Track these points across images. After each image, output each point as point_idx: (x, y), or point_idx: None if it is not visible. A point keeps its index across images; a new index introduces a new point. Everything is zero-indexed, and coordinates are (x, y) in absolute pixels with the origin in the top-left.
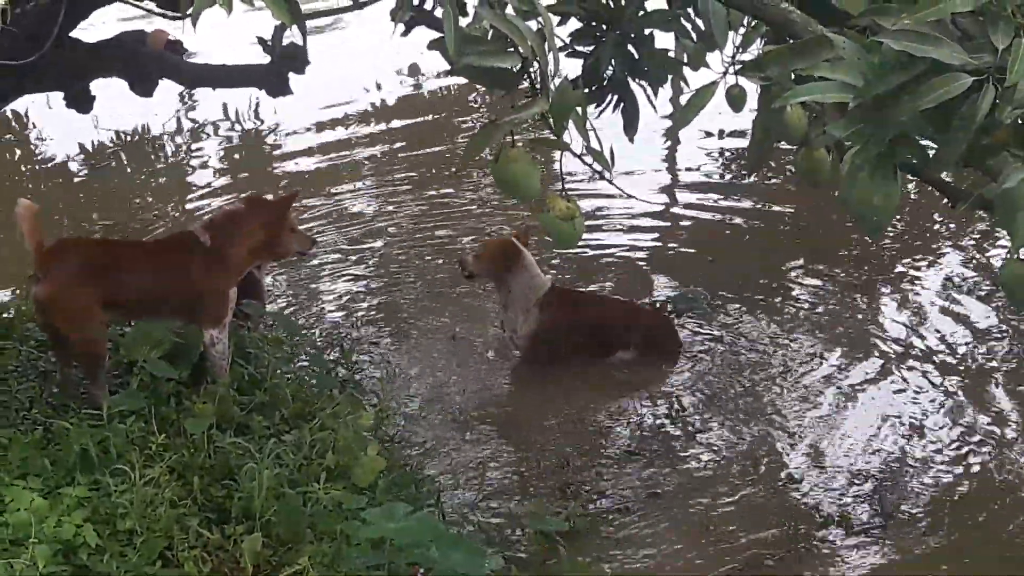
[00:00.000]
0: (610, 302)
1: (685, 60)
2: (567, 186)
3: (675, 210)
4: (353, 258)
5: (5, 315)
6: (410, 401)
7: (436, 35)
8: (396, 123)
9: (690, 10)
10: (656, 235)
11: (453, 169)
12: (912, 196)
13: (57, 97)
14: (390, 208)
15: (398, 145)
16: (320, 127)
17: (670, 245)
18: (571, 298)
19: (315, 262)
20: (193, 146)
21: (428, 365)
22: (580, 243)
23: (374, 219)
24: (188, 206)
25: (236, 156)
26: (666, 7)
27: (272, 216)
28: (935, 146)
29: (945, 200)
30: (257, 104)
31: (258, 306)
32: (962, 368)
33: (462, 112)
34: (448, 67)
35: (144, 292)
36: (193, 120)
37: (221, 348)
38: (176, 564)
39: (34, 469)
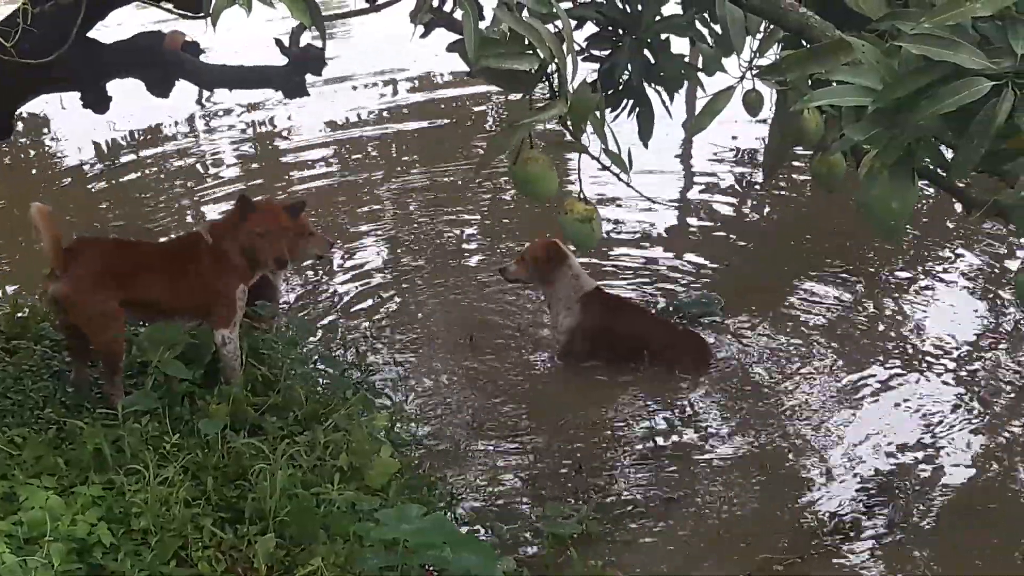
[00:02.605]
0: (649, 316)
1: (700, 65)
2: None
3: (689, 214)
4: (367, 259)
5: (20, 314)
6: (424, 403)
7: (453, 37)
8: (410, 124)
9: (707, 15)
10: (670, 239)
11: (472, 172)
12: (927, 200)
13: (71, 98)
14: (404, 208)
15: (411, 143)
16: (332, 126)
17: (685, 249)
18: (613, 303)
19: (329, 263)
20: (206, 146)
21: (442, 368)
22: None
23: (388, 219)
24: (202, 207)
25: (249, 155)
26: (684, 12)
27: (277, 221)
28: (952, 151)
29: (958, 205)
30: (270, 104)
31: (272, 307)
32: (976, 375)
33: (476, 110)
34: (467, 69)
35: (158, 292)
36: (207, 120)
37: (232, 348)
38: (190, 564)
39: (48, 468)
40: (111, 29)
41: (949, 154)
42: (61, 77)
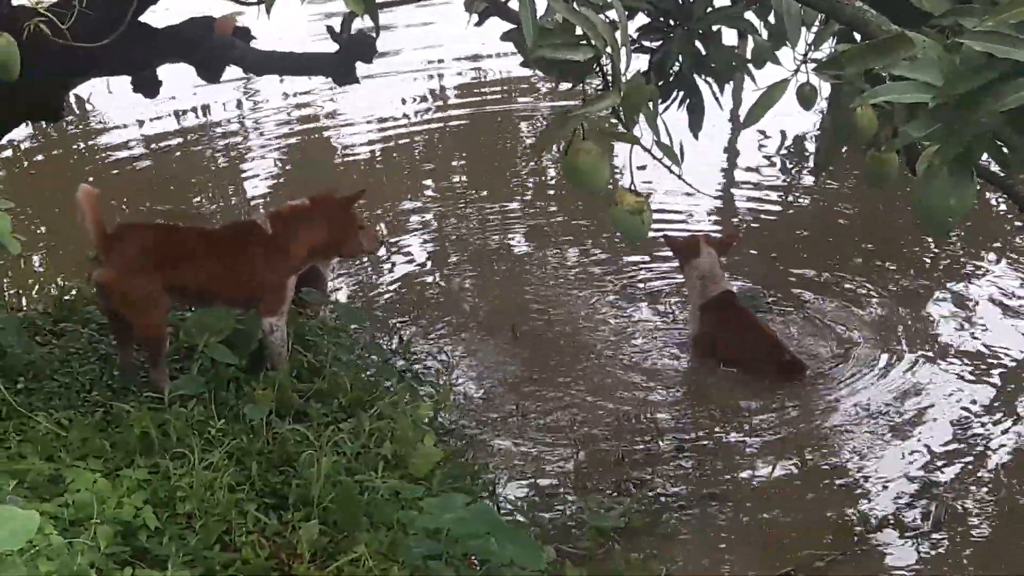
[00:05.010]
0: (759, 329)
1: (749, 57)
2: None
3: (737, 207)
4: (413, 248)
5: (67, 298)
6: (467, 393)
7: (504, 25)
8: (455, 111)
9: (759, 7)
10: (717, 231)
11: (516, 159)
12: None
13: (118, 81)
14: (451, 196)
15: (458, 131)
16: (379, 113)
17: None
18: (730, 311)
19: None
20: (252, 130)
21: (486, 357)
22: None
23: (435, 207)
24: (246, 193)
25: (294, 140)
26: (733, 4)
27: (336, 214)
28: (1010, 149)
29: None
30: (316, 89)
31: (319, 294)
32: (1021, 373)
33: (522, 98)
34: (518, 61)
35: (205, 278)
36: (253, 105)
37: (279, 336)
38: (234, 548)
39: (94, 450)
40: (159, 14)
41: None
42: (112, 61)
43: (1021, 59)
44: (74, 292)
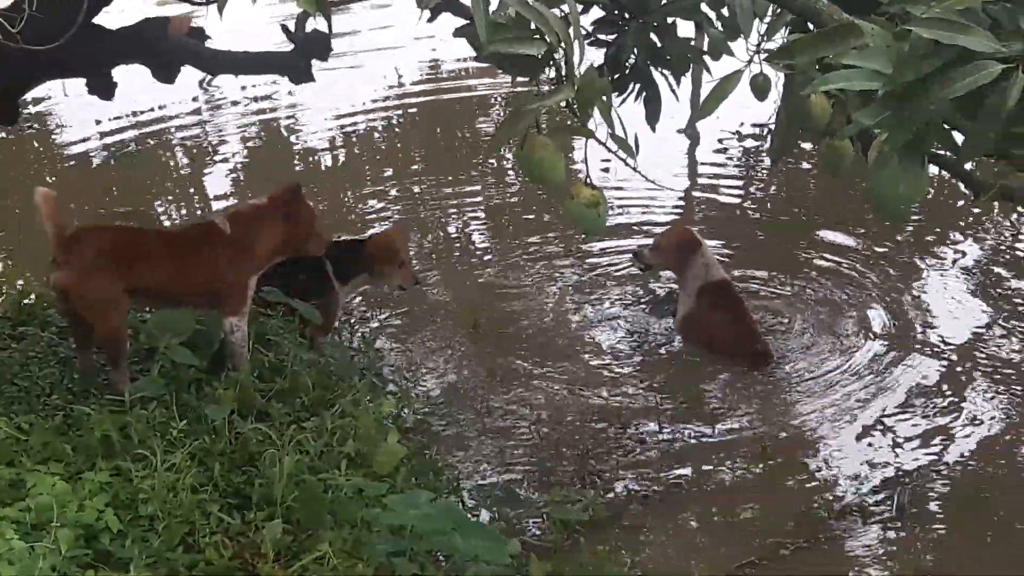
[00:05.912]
0: (744, 318)
1: (705, 49)
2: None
3: (695, 198)
4: None
5: (26, 301)
6: (430, 389)
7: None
8: (414, 109)
9: None
10: (676, 223)
11: (476, 153)
12: (933, 183)
13: (74, 84)
14: (411, 195)
15: (417, 131)
16: (338, 104)
17: None
18: (722, 298)
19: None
20: (211, 131)
21: (449, 354)
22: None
23: (394, 206)
24: (207, 193)
25: (253, 139)
26: None
27: (295, 211)
28: (961, 135)
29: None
30: (274, 87)
31: (280, 293)
32: (983, 361)
33: (480, 98)
34: (473, 54)
35: (165, 279)
36: (211, 105)
37: (240, 336)
38: (197, 549)
39: (55, 454)
40: (113, 15)
41: (959, 138)
42: (67, 63)
43: (967, 45)
44: (33, 296)
